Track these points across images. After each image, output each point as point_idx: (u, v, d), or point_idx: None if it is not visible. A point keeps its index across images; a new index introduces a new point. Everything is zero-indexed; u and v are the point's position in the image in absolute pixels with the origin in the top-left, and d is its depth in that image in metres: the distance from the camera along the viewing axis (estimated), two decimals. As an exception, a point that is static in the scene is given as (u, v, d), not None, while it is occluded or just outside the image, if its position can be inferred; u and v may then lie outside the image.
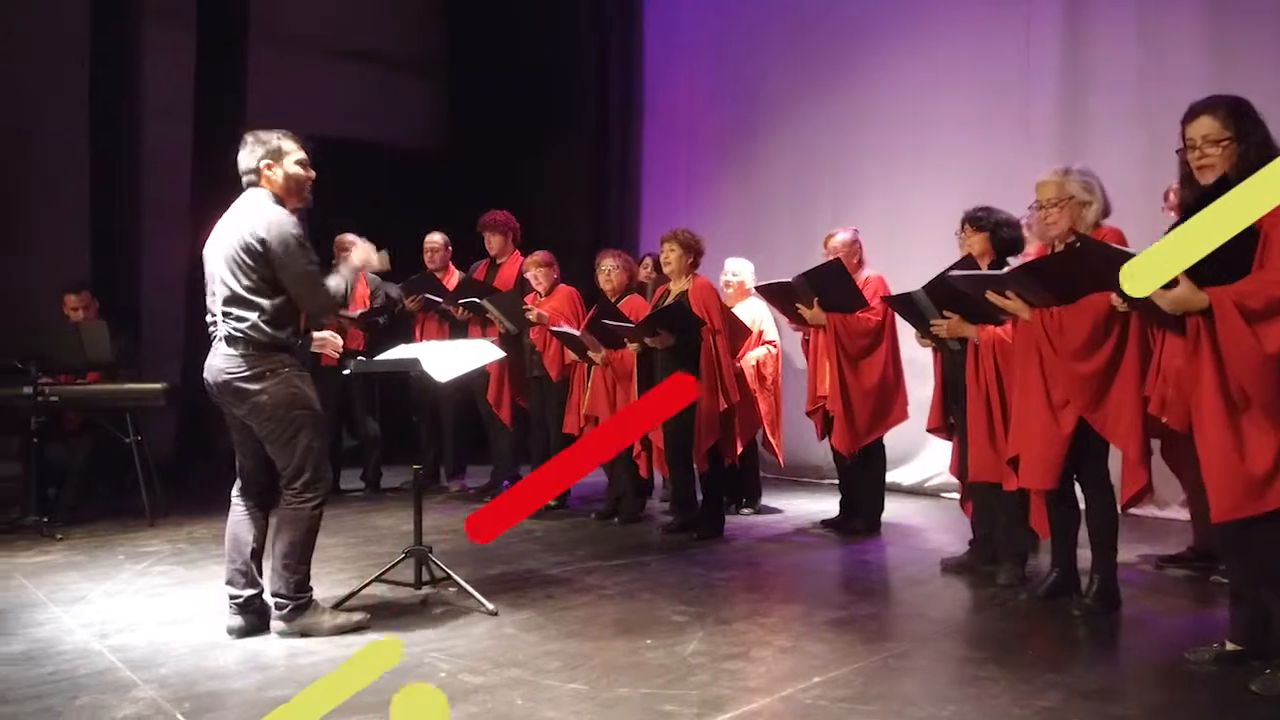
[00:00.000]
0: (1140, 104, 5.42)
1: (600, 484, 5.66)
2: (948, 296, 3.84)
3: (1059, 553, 3.59)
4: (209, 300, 3.19)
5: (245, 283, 3.06)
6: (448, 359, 3.57)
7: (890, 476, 5.83)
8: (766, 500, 5.77)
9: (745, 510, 5.51)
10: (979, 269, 3.98)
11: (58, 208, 6.62)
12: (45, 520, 4.67)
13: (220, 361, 3.10)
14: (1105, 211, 3.45)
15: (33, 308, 5.84)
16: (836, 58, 6.89)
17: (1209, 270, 2.52)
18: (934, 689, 2.77)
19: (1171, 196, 4.26)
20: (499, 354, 3.87)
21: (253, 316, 3.06)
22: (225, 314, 3.09)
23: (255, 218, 3.08)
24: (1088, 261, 3.09)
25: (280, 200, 3.18)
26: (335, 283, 3.23)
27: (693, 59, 7.87)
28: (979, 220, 4.04)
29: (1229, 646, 2.87)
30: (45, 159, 6.61)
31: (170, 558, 4.30)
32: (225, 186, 3.36)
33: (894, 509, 5.46)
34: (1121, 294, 3.01)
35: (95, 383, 5.11)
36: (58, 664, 2.88)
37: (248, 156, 3.20)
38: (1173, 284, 2.60)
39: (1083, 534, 3.55)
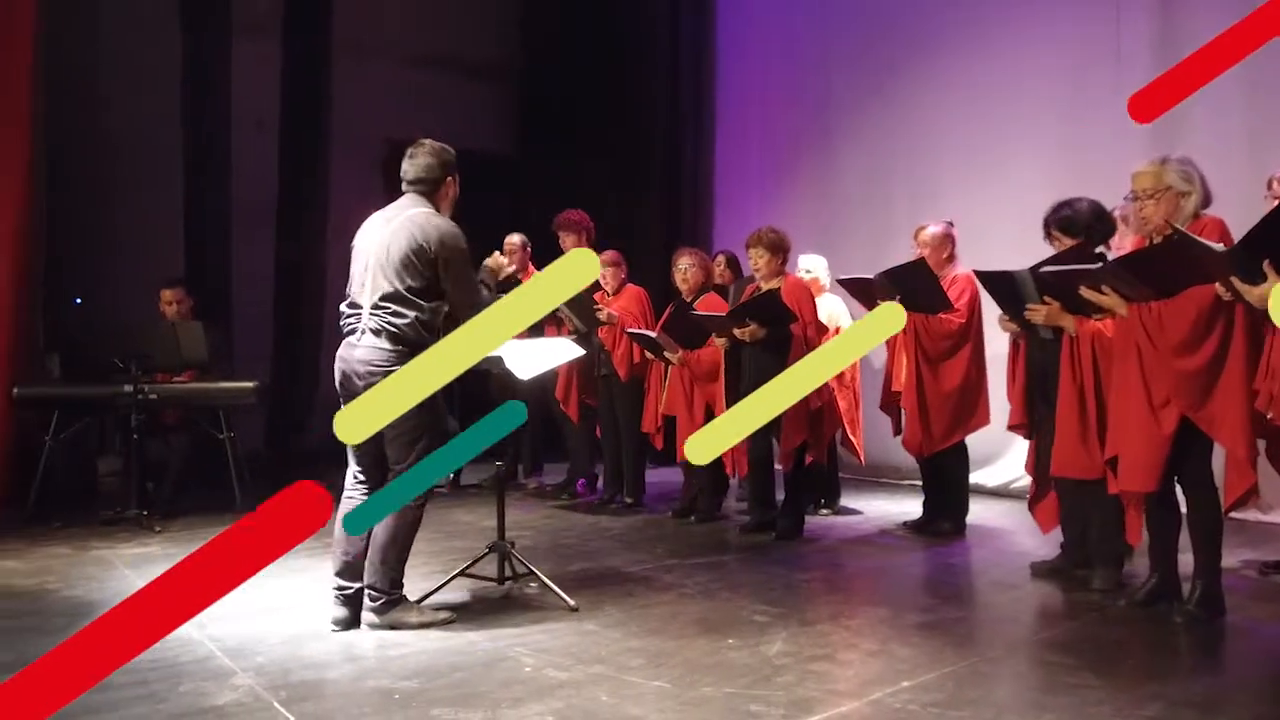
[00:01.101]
0: (1243, 87, 5.16)
1: (677, 482, 5.65)
2: (1049, 282, 3.68)
3: (1159, 557, 3.46)
4: (355, 293, 3.27)
5: (411, 283, 3.17)
6: (530, 357, 3.60)
7: (974, 478, 5.70)
8: (846, 501, 5.69)
9: (824, 511, 5.44)
10: (1091, 256, 3.80)
11: (153, 212, 6.88)
12: (145, 514, 4.85)
13: (364, 353, 3.18)
14: (1206, 202, 3.31)
15: (132, 308, 6.08)
16: (911, 54, 6.76)
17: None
18: (1028, 696, 2.69)
19: (1275, 185, 4.07)
20: (579, 352, 3.90)
21: (411, 315, 3.16)
22: (380, 308, 3.17)
23: (430, 226, 3.20)
24: (1184, 255, 2.96)
25: (439, 211, 3.31)
26: (487, 295, 3.37)
27: (765, 60, 7.82)
28: (1070, 223, 3.83)
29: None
30: (141, 165, 6.88)
31: (262, 551, 4.43)
32: (310, 191, 3.47)
33: (978, 511, 5.32)
34: (1227, 284, 2.89)
35: (191, 381, 5.30)
36: (160, 652, 2.96)
37: (431, 165, 3.31)
38: (1262, 279, 2.48)
39: (1183, 539, 3.41)
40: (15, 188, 5.40)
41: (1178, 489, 3.36)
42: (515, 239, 6.34)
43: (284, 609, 3.45)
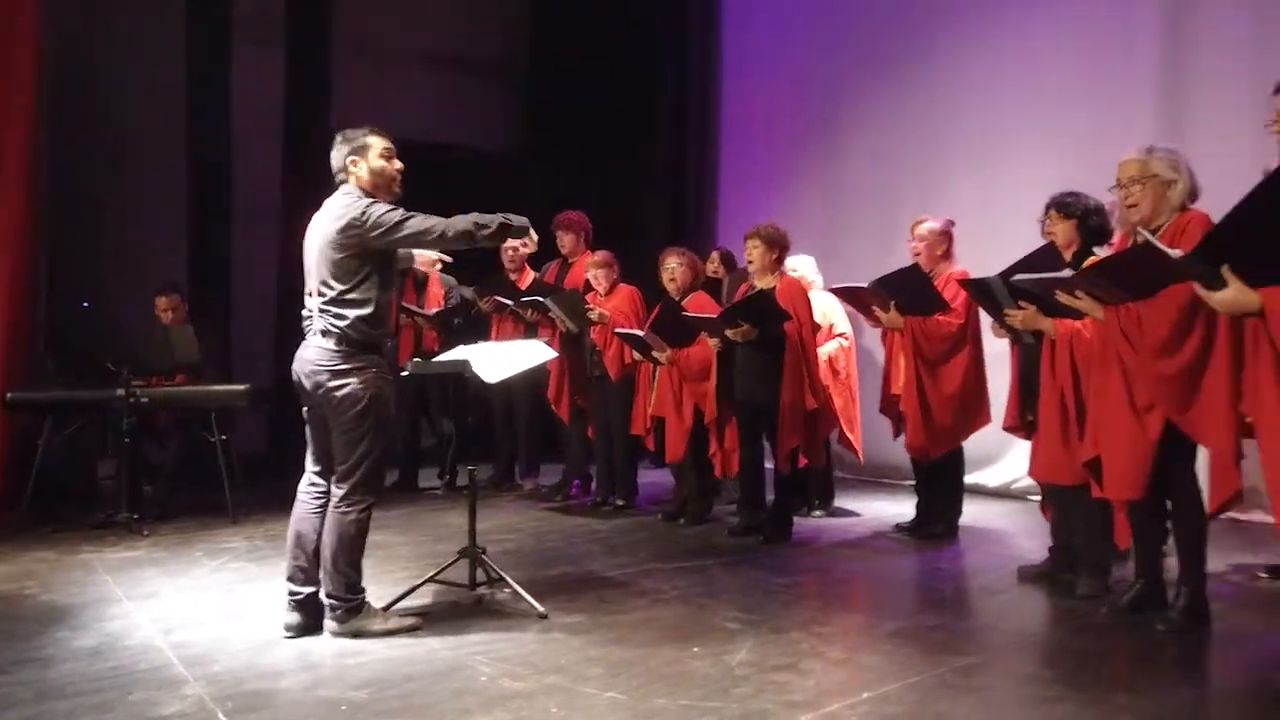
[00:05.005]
0: (1249, 82, 4.99)
1: (668, 483, 5.59)
2: (1022, 288, 3.61)
3: (1144, 563, 3.36)
4: (305, 295, 3.27)
5: (347, 282, 3.15)
6: (498, 360, 3.56)
7: (973, 478, 5.61)
8: (844, 502, 5.61)
9: (817, 512, 5.36)
10: (1059, 257, 3.74)
11: (155, 213, 6.93)
12: (136, 517, 4.88)
13: (312, 354, 3.18)
14: (1193, 194, 3.20)
15: (130, 310, 6.12)
16: (919, 47, 6.65)
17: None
18: (992, 711, 2.60)
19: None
20: (551, 354, 3.84)
21: (351, 315, 3.14)
22: (324, 310, 3.16)
23: (341, 211, 3.16)
24: (1151, 262, 2.85)
25: (368, 194, 3.24)
26: (460, 220, 3.19)
27: (771, 56, 7.74)
28: (1066, 206, 3.80)
29: (1329, 671, 2.61)
30: (143, 166, 6.93)
31: (245, 554, 4.44)
32: (314, 192, 3.45)
33: (976, 512, 5.23)
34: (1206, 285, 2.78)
35: (183, 384, 5.33)
36: (120, 659, 2.98)
37: (336, 155, 3.29)
38: (1222, 285, 2.38)
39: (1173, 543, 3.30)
40: (16, 188, 5.45)
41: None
42: (514, 241, 6.31)
43: (251, 616, 3.44)
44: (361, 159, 3.26)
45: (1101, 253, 3.67)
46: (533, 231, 3.47)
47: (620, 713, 2.56)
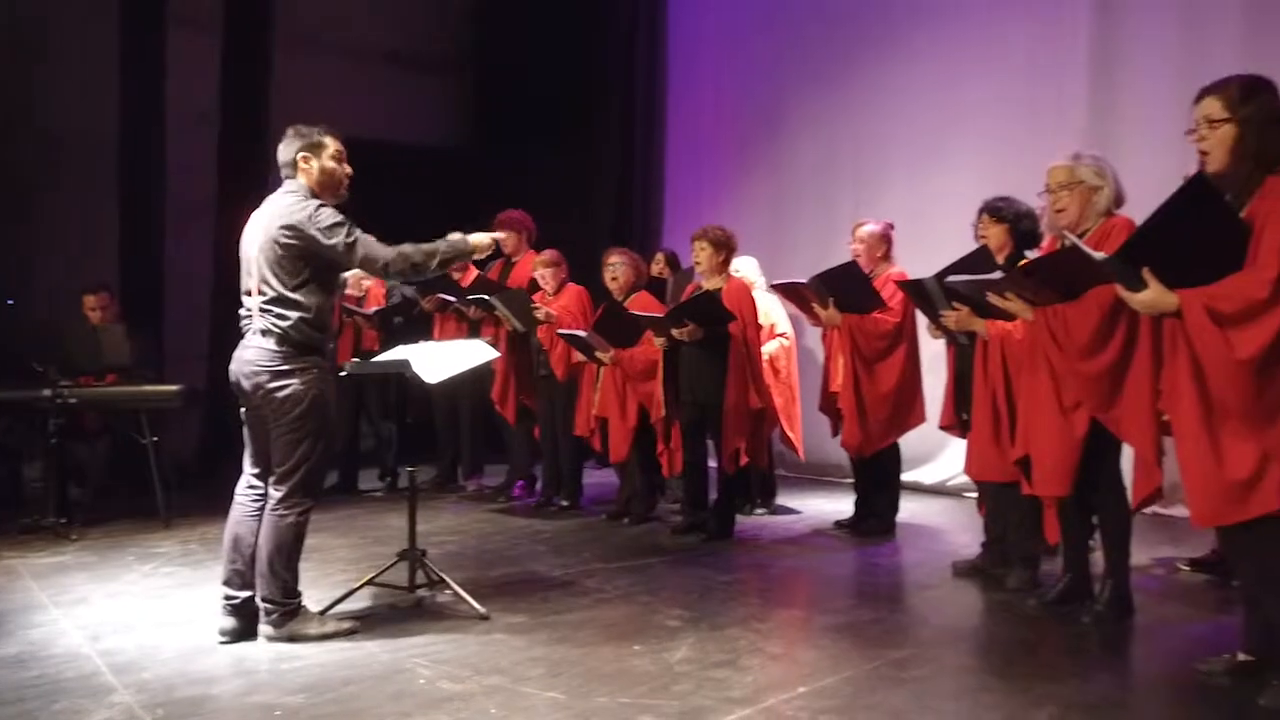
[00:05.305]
0: (1175, 91, 5.18)
1: (613, 484, 5.60)
2: (955, 290, 3.71)
3: (1071, 557, 3.46)
4: (243, 294, 3.21)
5: (290, 282, 3.10)
6: (439, 360, 3.54)
7: (911, 476, 5.72)
8: (786, 500, 5.67)
9: (759, 510, 5.42)
10: (992, 259, 3.85)
11: (86, 210, 6.74)
12: (64, 521, 4.74)
13: (252, 355, 3.12)
14: (1118, 200, 3.31)
15: (60, 308, 5.94)
16: (860, 51, 6.76)
17: (1197, 269, 2.39)
18: (924, 700, 2.67)
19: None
20: (493, 354, 3.82)
21: (294, 316, 3.09)
22: (265, 310, 3.11)
23: (289, 212, 3.11)
24: (1077, 263, 2.95)
25: (315, 195, 3.20)
26: (391, 251, 3.16)
27: (717, 56, 7.79)
28: (998, 211, 3.95)
29: (1241, 657, 2.73)
30: (74, 161, 6.73)
31: (179, 559, 4.34)
32: (251, 188, 3.39)
33: (914, 509, 5.34)
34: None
35: (113, 384, 5.18)
36: (45, 667, 2.90)
37: (286, 149, 3.24)
38: (1143, 286, 2.48)
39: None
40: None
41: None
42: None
43: (184, 622, 3.37)
44: (314, 157, 3.22)
45: (1033, 255, 3.79)
46: (484, 239, 3.43)
47: (560, 712, 2.57)
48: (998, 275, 3.38)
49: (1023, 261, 3.66)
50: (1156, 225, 2.49)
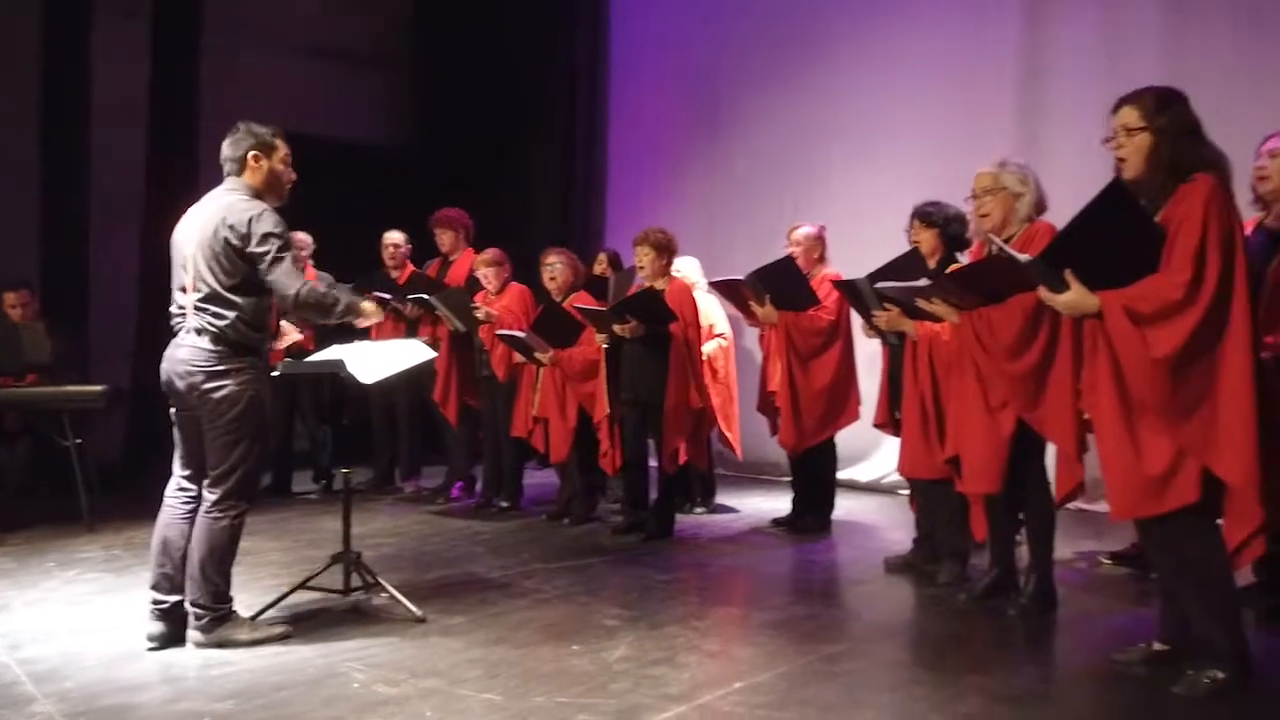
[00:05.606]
0: (1099, 99, 5.35)
1: (553, 484, 5.59)
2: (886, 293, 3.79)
3: (998, 552, 3.56)
4: (176, 291, 3.13)
5: (227, 280, 3.03)
6: (374, 361, 3.49)
7: (846, 474, 5.82)
8: (725, 499, 5.72)
9: (699, 510, 5.46)
10: (923, 262, 3.94)
11: (7, 205, 6.50)
12: (-20, 527, 4.58)
13: (186, 354, 3.04)
14: (1040, 206, 3.42)
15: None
16: (800, 57, 6.84)
17: (1116, 272, 2.48)
18: (856, 694, 2.72)
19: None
20: (430, 354, 3.79)
21: (231, 315, 3.02)
22: (200, 309, 3.03)
23: (234, 212, 3.04)
24: (1002, 268, 3.05)
25: (258, 195, 3.14)
26: (307, 287, 3.07)
27: (658, 56, 7.81)
28: (928, 216, 4.05)
29: (1156, 646, 2.84)
30: (-6, 155, 6.50)
31: (102, 564, 4.21)
32: (180, 182, 3.31)
33: (849, 506, 5.43)
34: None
35: (33, 384, 5.01)
36: (-41, 678, 2.80)
37: (235, 145, 3.17)
38: (1065, 288, 2.57)
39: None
40: None
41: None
42: (395, 235, 6.19)
43: (108, 628, 3.27)
44: (265, 158, 3.18)
45: (963, 259, 3.89)
46: (371, 308, 3.28)
47: (497, 713, 2.56)
48: (925, 282, 3.46)
49: (953, 267, 3.76)
50: (1077, 228, 2.58)
